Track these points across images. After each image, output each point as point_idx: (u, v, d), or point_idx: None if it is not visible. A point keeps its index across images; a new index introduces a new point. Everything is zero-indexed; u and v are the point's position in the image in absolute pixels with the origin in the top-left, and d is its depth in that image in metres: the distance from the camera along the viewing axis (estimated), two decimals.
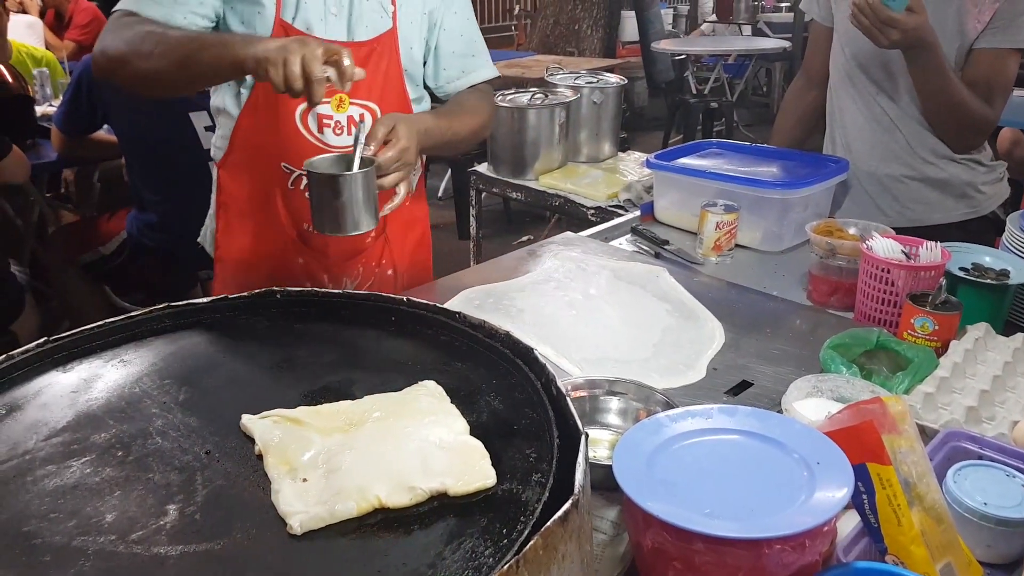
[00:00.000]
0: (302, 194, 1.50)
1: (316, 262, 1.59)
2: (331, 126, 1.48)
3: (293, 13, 1.41)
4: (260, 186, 1.53)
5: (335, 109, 1.47)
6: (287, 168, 1.50)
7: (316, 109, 1.44)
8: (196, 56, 1.27)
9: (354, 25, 1.46)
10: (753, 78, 8.22)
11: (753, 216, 1.71)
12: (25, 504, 0.67)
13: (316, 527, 0.63)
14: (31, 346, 0.88)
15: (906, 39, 1.58)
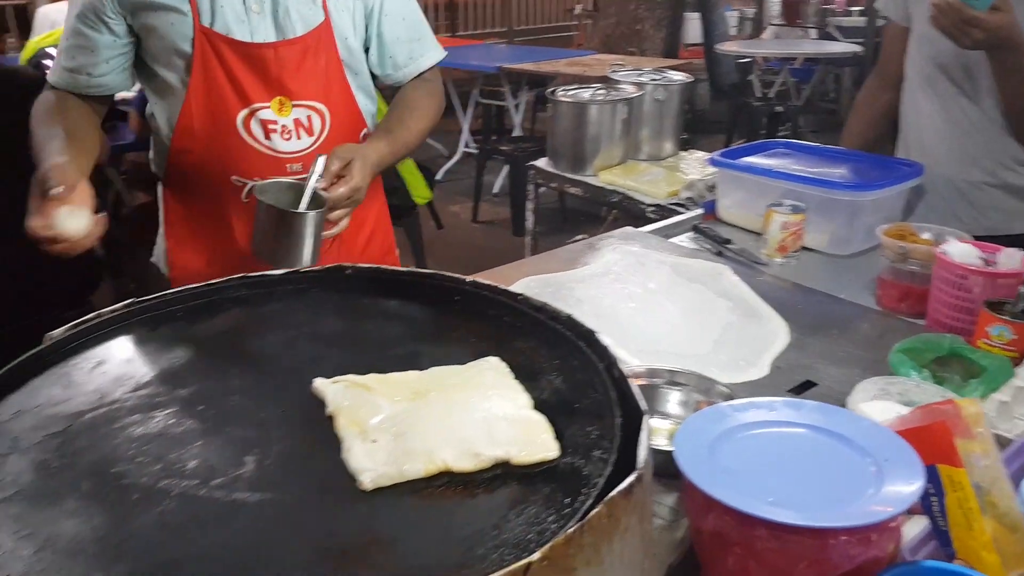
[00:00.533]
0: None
1: None
2: (278, 131, 1.41)
3: (210, 18, 1.35)
4: (209, 202, 1.47)
5: (277, 113, 1.41)
6: (239, 181, 1.43)
7: (258, 114, 1.39)
8: None
9: (282, 21, 1.39)
10: (820, 83, 8.04)
11: (821, 218, 1.69)
12: (114, 448, 0.71)
13: (385, 484, 0.66)
14: (119, 306, 0.93)
15: (990, 39, 1.52)
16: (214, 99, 1.38)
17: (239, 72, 1.37)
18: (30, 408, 0.76)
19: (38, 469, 0.67)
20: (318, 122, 1.45)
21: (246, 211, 1.42)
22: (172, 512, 0.63)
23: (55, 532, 0.60)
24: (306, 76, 1.42)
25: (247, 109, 1.39)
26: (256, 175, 1.41)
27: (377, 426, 0.73)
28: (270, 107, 1.40)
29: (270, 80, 1.39)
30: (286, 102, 1.41)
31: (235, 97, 1.38)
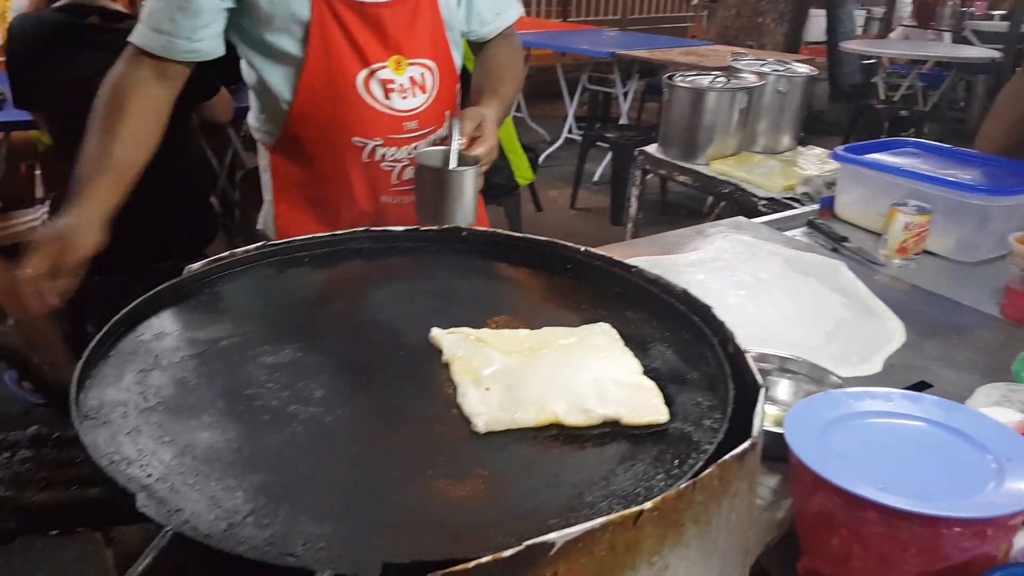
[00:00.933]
0: (378, 165, 1.47)
1: None
2: (396, 90, 1.43)
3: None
4: (328, 164, 1.48)
5: (395, 72, 1.43)
6: (359, 142, 1.44)
7: (377, 74, 1.41)
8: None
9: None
10: (951, 90, 7.63)
11: (948, 221, 1.61)
12: (247, 372, 0.75)
13: (497, 429, 0.68)
14: (251, 248, 0.98)
15: None
16: (334, 62, 1.39)
17: (357, 33, 1.39)
18: (171, 331, 0.82)
19: (178, 385, 0.73)
20: (429, 79, 1.48)
21: (366, 171, 1.46)
22: (300, 434, 0.67)
23: (193, 441, 0.65)
24: (417, 34, 1.44)
25: (367, 70, 1.41)
26: (376, 135, 1.44)
27: (491, 376, 0.75)
28: (388, 66, 1.42)
29: (387, 39, 1.41)
30: (402, 61, 1.43)
31: (355, 58, 1.40)
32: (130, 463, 0.61)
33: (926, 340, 1.24)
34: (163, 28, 1.35)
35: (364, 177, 1.47)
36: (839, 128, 6.60)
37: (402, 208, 1.50)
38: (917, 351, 1.21)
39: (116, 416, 0.67)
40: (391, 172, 1.48)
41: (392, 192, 1.50)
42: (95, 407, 0.67)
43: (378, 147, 1.45)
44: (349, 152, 1.45)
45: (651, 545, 0.54)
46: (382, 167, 1.47)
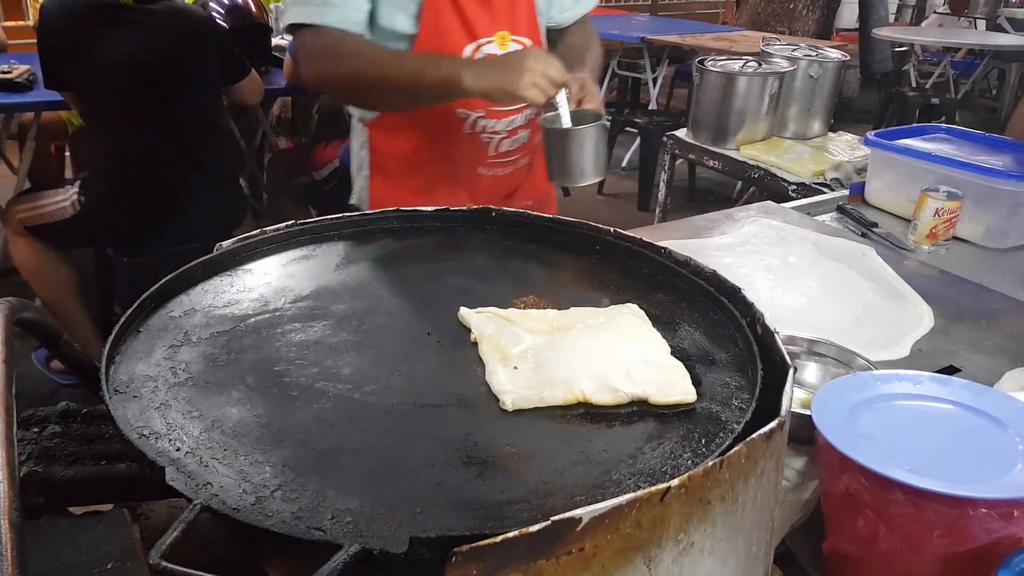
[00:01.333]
0: (478, 136, 1.53)
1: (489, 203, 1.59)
2: None
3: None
4: (429, 137, 1.53)
5: (500, 46, 1.49)
6: (463, 113, 1.50)
7: (483, 48, 1.46)
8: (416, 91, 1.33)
9: None
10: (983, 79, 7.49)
11: (978, 208, 1.59)
12: (276, 349, 0.76)
13: (525, 407, 0.68)
14: (282, 226, 0.99)
15: None
16: (444, 36, 1.44)
17: (467, 8, 1.44)
18: (201, 308, 0.83)
19: (207, 361, 0.73)
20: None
21: (467, 142, 1.53)
22: (328, 410, 0.67)
23: (222, 416, 0.66)
24: (519, 12, 1.51)
25: (474, 44, 1.46)
26: (479, 107, 1.48)
27: (519, 355, 0.76)
28: (494, 41, 1.47)
29: (495, 16, 1.47)
30: (507, 36, 1.49)
31: (463, 32, 1.45)
32: (159, 437, 0.61)
33: (954, 325, 1.23)
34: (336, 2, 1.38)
35: (464, 148, 1.54)
36: (869, 116, 6.50)
37: (495, 180, 1.59)
38: (945, 336, 1.20)
39: (146, 391, 0.68)
40: (489, 144, 1.55)
41: (488, 163, 1.57)
42: (125, 381, 0.68)
43: (480, 119, 1.50)
44: (453, 123, 1.50)
45: (677, 522, 0.54)
46: (481, 138, 1.53)
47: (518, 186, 1.67)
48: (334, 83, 1.41)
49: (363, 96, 1.41)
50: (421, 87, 1.32)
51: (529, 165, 1.66)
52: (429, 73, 1.30)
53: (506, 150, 1.57)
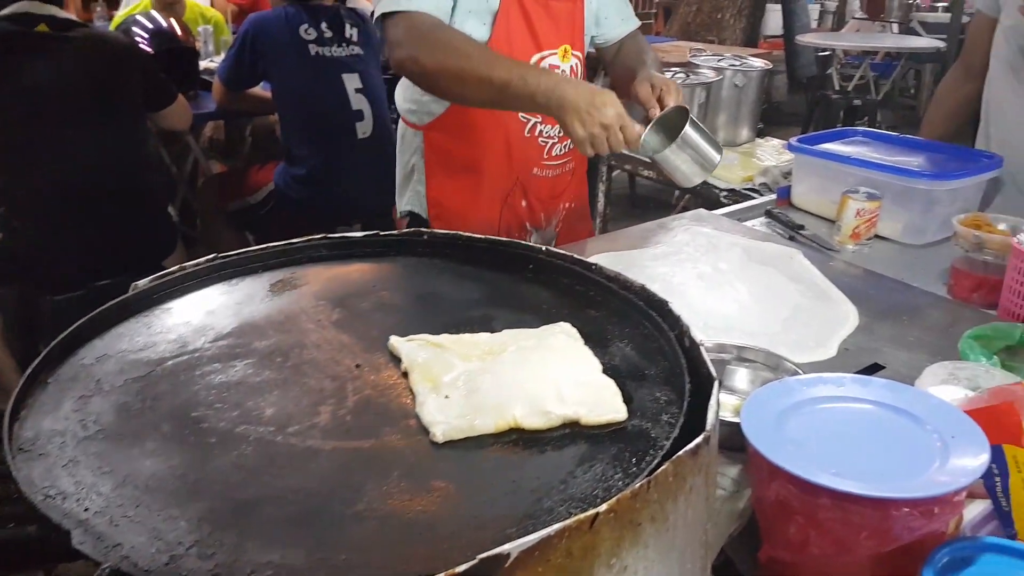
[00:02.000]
0: (535, 139, 1.61)
1: (536, 202, 1.70)
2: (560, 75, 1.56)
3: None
4: (488, 139, 1.59)
5: (561, 59, 1.58)
6: (524, 117, 1.58)
7: (547, 60, 1.55)
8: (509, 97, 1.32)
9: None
10: (901, 79, 7.78)
11: (896, 207, 1.64)
12: (193, 393, 0.74)
13: (456, 438, 0.67)
14: (202, 260, 0.96)
15: None
16: (514, 44, 1.50)
17: (536, 21, 1.52)
18: (114, 353, 0.80)
19: (120, 411, 0.70)
20: (580, 69, 1.63)
21: (524, 144, 1.61)
22: (248, 456, 0.65)
23: (135, 470, 0.63)
24: (577, 29, 1.60)
25: (539, 54, 1.54)
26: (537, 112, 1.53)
27: (450, 383, 0.75)
28: (557, 54, 1.56)
29: (560, 30, 1.56)
30: (568, 50, 1.58)
31: (531, 43, 1.53)
32: (67, 497, 0.59)
33: (878, 323, 1.26)
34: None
35: (521, 150, 1.62)
36: (798, 118, 6.68)
37: (545, 181, 1.68)
38: (870, 334, 1.23)
39: (53, 447, 0.64)
40: (544, 147, 1.64)
41: (542, 165, 1.66)
42: (31, 439, 0.65)
43: (538, 123, 1.60)
44: (513, 126, 1.59)
45: (609, 547, 0.54)
46: (538, 141, 1.62)
47: (564, 188, 1.76)
48: (429, 69, 1.37)
49: (450, 87, 1.39)
50: (506, 96, 1.32)
51: (574, 169, 1.76)
52: (515, 86, 1.30)
53: (558, 154, 1.67)
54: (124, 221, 2.53)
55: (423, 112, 1.63)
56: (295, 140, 2.90)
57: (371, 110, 2.92)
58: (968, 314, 1.33)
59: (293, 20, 2.81)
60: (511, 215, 1.67)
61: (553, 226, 1.77)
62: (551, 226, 1.76)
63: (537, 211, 1.71)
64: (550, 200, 1.73)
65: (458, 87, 1.37)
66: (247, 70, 2.89)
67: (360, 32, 2.94)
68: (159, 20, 3.35)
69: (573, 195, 1.80)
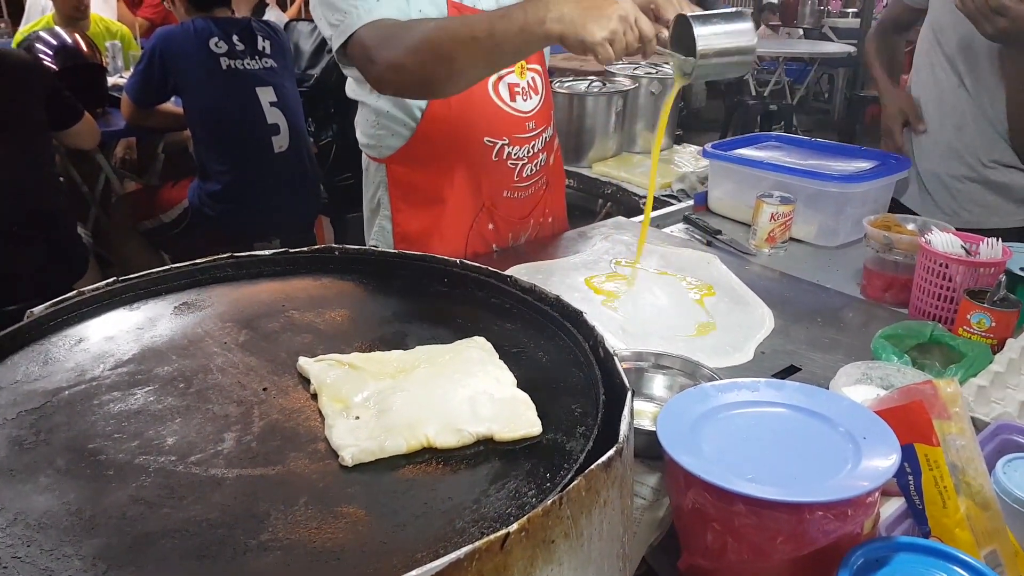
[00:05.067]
0: (504, 163, 1.58)
1: (504, 224, 1.66)
2: (520, 92, 1.55)
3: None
4: (456, 165, 1.54)
5: (519, 76, 1.55)
6: (490, 141, 1.54)
7: (505, 79, 1.51)
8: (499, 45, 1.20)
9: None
10: (815, 83, 8.08)
11: (809, 210, 1.69)
12: (91, 424, 0.70)
13: (366, 460, 0.65)
14: (101, 284, 0.92)
15: (1013, 29, 1.49)
16: None
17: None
18: (8, 384, 0.75)
19: (12, 445, 0.66)
20: (540, 82, 1.61)
21: (493, 169, 1.57)
22: (148, 488, 0.62)
23: (27, 507, 0.59)
24: None
25: (496, 75, 1.50)
26: (504, 134, 1.54)
27: (360, 403, 0.73)
28: (514, 71, 1.53)
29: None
30: (524, 66, 1.56)
31: None
32: None
33: (794, 325, 1.29)
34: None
35: (490, 174, 1.58)
36: (716, 124, 6.85)
37: (517, 202, 1.65)
38: (786, 336, 1.25)
39: None
40: (514, 169, 1.61)
41: (513, 187, 1.63)
42: None
43: (505, 146, 1.56)
44: (479, 152, 1.55)
45: (522, 567, 0.53)
46: (508, 164, 1.59)
47: (536, 204, 1.73)
48: (413, 69, 1.26)
49: (440, 74, 1.26)
50: (497, 44, 1.19)
51: (546, 184, 1.74)
52: (500, 27, 1.18)
53: (529, 174, 1.64)
54: (31, 244, 2.43)
55: (381, 146, 1.58)
56: (209, 156, 2.83)
57: (287, 124, 2.87)
58: (881, 313, 1.37)
59: (202, 34, 2.74)
60: (478, 239, 1.64)
61: (521, 243, 1.72)
62: (519, 243, 1.72)
63: (504, 232, 1.68)
64: (519, 220, 1.70)
65: (446, 67, 1.25)
66: (157, 86, 2.81)
67: (273, 44, 2.89)
68: (63, 36, 3.23)
69: (548, 209, 1.77)
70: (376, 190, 1.64)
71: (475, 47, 1.21)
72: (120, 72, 3.92)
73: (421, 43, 1.24)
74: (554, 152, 1.72)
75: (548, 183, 1.75)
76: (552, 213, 1.80)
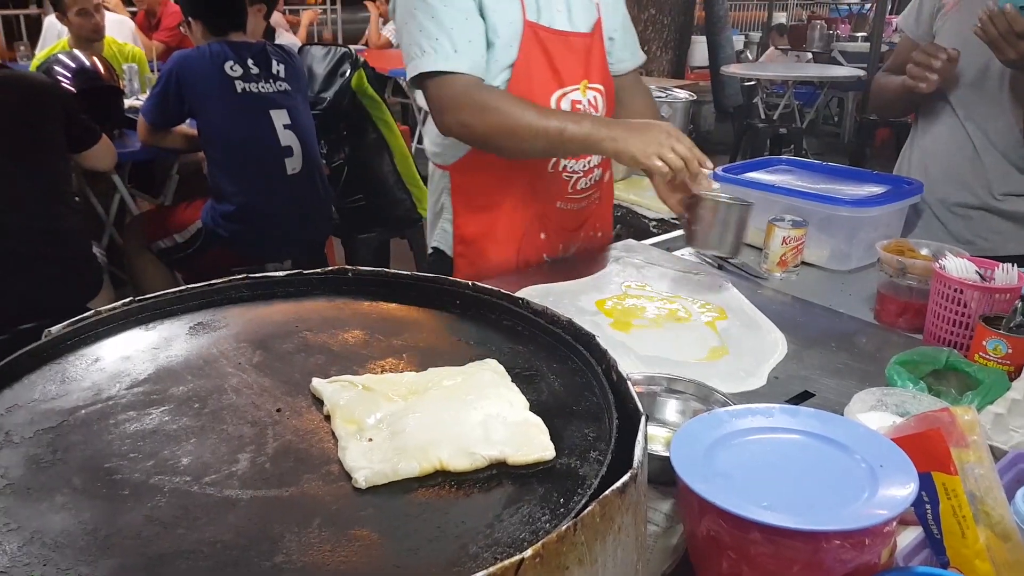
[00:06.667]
0: (560, 175, 1.66)
1: (556, 234, 1.73)
2: (581, 109, 1.61)
3: (536, 15, 1.54)
4: (511, 176, 1.63)
5: (582, 93, 1.62)
6: None
7: (569, 95, 1.59)
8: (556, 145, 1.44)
9: (574, 18, 1.59)
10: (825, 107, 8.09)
11: (821, 234, 1.69)
12: (107, 444, 0.70)
13: (379, 483, 0.65)
14: (117, 304, 0.93)
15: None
16: (535, 83, 1.55)
17: (557, 60, 1.57)
18: (25, 403, 0.76)
19: (29, 464, 0.67)
20: (601, 101, 1.67)
21: (549, 179, 1.66)
22: (163, 508, 0.62)
23: (43, 526, 0.59)
24: (595, 63, 1.65)
25: (560, 91, 1.58)
26: None
27: (373, 425, 0.73)
28: (579, 88, 1.60)
29: (578, 65, 1.60)
30: (587, 84, 1.62)
31: (552, 80, 1.57)
32: None
33: (807, 350, 1.29)
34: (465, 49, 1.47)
35: (546, 184, 1.67)
36: (726, 147, 6.88)
37: (569, 213, 1.73)
38: (799, 362, 1.25)
39: None
40: (568, 182, 1.69)
41: (567, 199, 1.72)
42: None
43: (561, 159, 1.64)
44: (536, 162, 1.63)
45: None
46: (563, 176, 1.67)
47: (587, 218, 1.81)
48: (480, 132, 1.46)
49: (504, 144, 1.47)
50: (563, 142, 1.42)
51: (599, 199, 1.82)
52: (571, 130, 1.40)
53: (583, 187, 1.72)
54: (47, 263, 2.45)
55: (446, 154, 1.67)
56: (223, 177, 2.86)
57: (300, 146, 2.90)
58: (895, 339, 1.36)
59: (218, 57, 2.78)
60: (529, 247, 1.71)
61: (571, 253, 1.79)
62: (568, 254, 1.79)
63: (556, 242, 1.75)
64: (570, 232, 1.78)
65: (512, 142, 1.44)
66: (173, 108, 2.84)
67: (288, 68, 2.93)
68: (82, 59, 3.28)
69: (598, 223, 1.86)
70: (440, 195, 1.73)
71: (544, 137, 1.41)
72: (136, 94, 3.97)
73: (494, 115, 1.42)
74: (609, 168, 1.80)
75: (600, 198, 1.83)
76: (601, 227, 1.87)
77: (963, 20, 1.73)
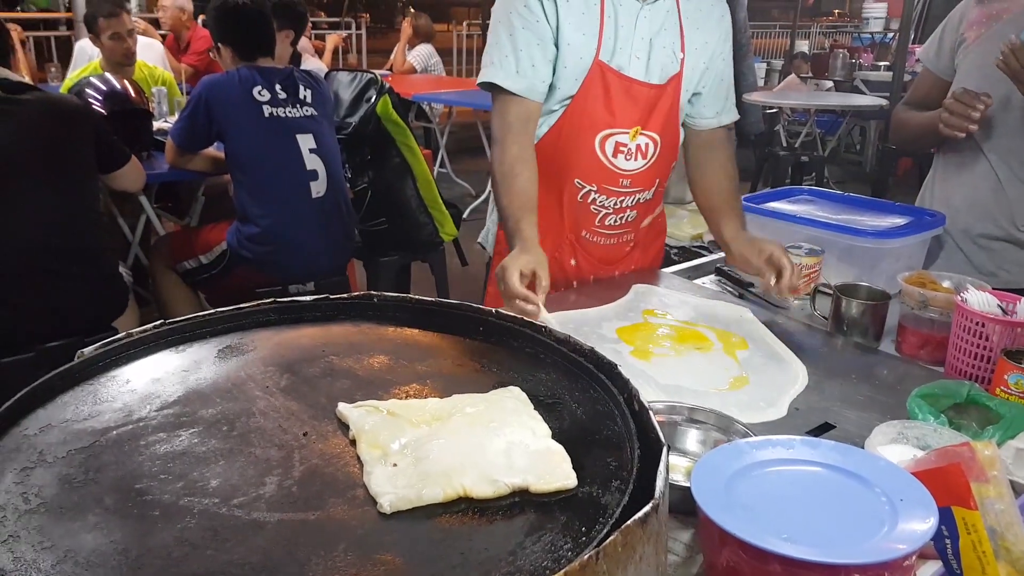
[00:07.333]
0: (588, 206, 1.71)
1: (586, 264, 1.77)
2: (624, 152, 1.65)
3: (609, 56, 1.58)
4: (548, 195, 1.68)
5: (631, 138, 1.64)
6: (579, 183, 1.68)
7: (615, 137, 1.63)
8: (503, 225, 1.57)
9: (651, 68, 1.62)
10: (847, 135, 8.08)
11: (843, 264, 1.69)
12: (138, 464, 0.72)
13: (404, 508, 0.66)
14: (148, 327, 0.95)
15: None
16: (586, 119, 1.61)
17: (616, 101, 1.60)
18: (58, 423, 0.78)
19: (62, 483, 0.69)
20: (652, 148, 1.68)
21: (577, 208, 1.72)
22: (192, 529, 0.64)
23: (76, 545, 0.61)
24: (658, 112, 1.65)
25: (609, 130, 1.63)
26: (594, 182, 1.68)
27: (398, 451, 0.74)
28: (629, 133, 1.64)
29: (638, 113, 1.63)
30: (639, 131, 1.65)
31: (604, 119, 1.62)
32: (6, 575, 0.57)
33: (828, 381, 1.28)
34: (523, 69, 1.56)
35: (574, 212, 1.73)
36: (748, 174, 6.87)
37: (598, 247, 1.78)
38: (820, 393, 1.25)
39: None
40: (596, 215, 1.73)
41: (593, 231, 1.76)
42: None
43: (592, 191, 1.69)
44: (568, 189, 1.70)
45: None
46: (591, 208, 1.72)
47: (621, 258, 1.84)
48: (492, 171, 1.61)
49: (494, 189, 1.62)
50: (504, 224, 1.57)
51: (633, 243, 1.84)
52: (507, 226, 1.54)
53: (612, 224, 1.75)
54: (74, 281, 2.49)
55: None
56: (248, 199, 2.90)
57: (325, 170, 2.94)
58: (916, 371, 1.36)
59: (247, 82, 2.83)
60: (558, 271, 1.73)
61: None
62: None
63: (586, 272, 1.79)
64: (602, 265, 1.80)
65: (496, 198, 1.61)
66: (201, 131, 2.89)
67: (314, 94, 2.97)
68: (112, 82, 3.35)
69: (635, 267, 1.87)
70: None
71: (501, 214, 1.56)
72: (165, 117, 4.04)
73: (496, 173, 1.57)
74: (651, 215, 1.82)
75: (636, 243, 1.84)
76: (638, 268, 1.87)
77: (985, 53, 1.73)
